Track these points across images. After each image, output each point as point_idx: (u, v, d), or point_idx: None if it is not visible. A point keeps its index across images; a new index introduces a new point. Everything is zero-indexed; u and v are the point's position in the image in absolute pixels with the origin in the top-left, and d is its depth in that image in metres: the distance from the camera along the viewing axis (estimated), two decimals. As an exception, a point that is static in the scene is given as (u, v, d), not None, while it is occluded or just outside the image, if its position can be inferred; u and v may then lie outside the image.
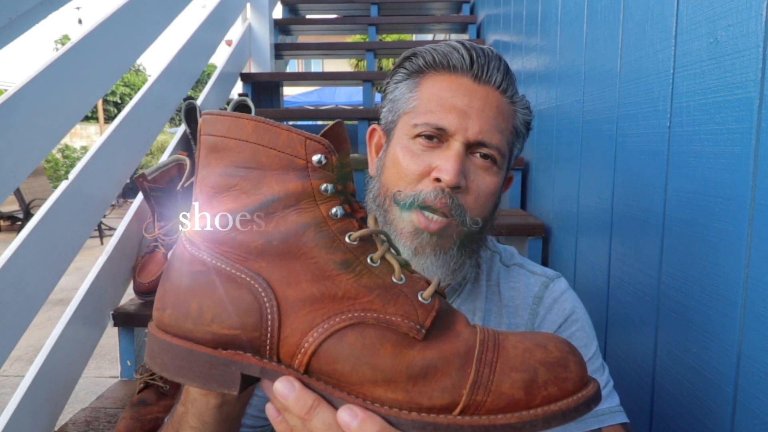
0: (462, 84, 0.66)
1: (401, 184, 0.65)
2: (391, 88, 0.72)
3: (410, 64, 0.70)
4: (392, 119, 0.71)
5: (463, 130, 0.64)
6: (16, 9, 1.14)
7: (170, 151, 1.83)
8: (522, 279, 0.75)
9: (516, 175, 1.89)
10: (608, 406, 0.64)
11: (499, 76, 0.66)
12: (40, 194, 6.65)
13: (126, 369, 1.47)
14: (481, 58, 0.66)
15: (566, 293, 0.74)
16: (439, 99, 0.65)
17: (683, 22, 0.79)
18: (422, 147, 0.65)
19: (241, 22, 2.80)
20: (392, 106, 0.71)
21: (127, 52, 1.54)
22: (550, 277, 0.75)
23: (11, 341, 1.08)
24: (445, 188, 0.63)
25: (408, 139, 0.66)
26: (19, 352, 3.14)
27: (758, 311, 0.62)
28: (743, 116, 0.64)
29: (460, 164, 0.63)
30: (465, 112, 0.64)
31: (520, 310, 0.73)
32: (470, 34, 3.16)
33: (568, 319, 0.70)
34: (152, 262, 1.46)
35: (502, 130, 0.66)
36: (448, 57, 0.66)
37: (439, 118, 0.64)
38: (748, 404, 0.64)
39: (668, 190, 0.82)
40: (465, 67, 0.66)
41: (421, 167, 0.64)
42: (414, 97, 0.68)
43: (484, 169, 0.66)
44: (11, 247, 1.10)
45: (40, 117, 1.16)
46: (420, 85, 0.68)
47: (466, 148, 0.64)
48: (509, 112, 0.68)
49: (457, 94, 0.65)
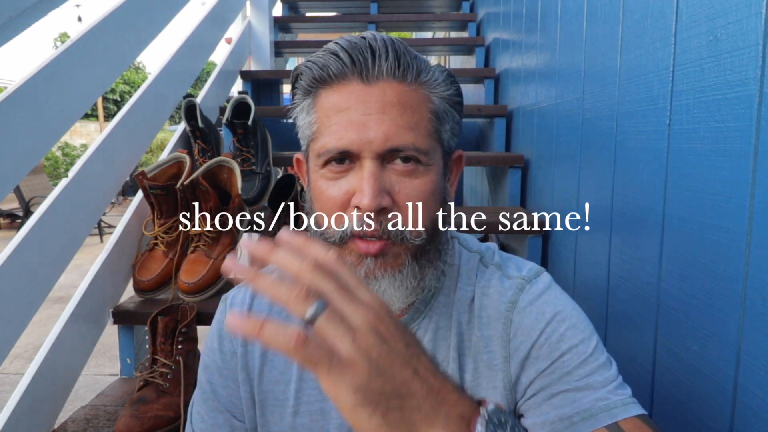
0: (352, 92, 0.59)
1: (328, 217, 0.61)
2: (295, 114, 0.66)
3: (299, 84, 0.63)
4: (304, 148, 0.66)
5: (367, 144, 0.57)
6: (16, 7, 1.14)
7: (170, 149, 1.83)
8: (495, 284, 0.67)
9: (515, 172, 1.89)
10: (620, 398, 0.58)
11: (390, 64, 0.58)
12: (39, 192, 6.65)
13: (126, 367, 1.48)
14: (363, 52, 0.58)
15: (546, 293, 0.66)
16: (335, 117, 0.59)
17: (683, 19, 0.79)
18: (334, 174, 0.59)
19: (241, 20, 2.80)
20: (301, 134, 0.65)
21: (126, 49, 1.54)
22: (526, 278, 0.67)
23: (11, 339, 1.08)
24: (370, 214, 0.57)
25: (319, 168, 0.61)
26: (18, 350, 3.14)
27: (758, 309, 0.62)
28: (743, 114, 0.64)
29: (375, 184, 0.56)
30: (363, 124, 0.57)
31: (493, 320, 0.66)
32: (470, 32, 3.16)
33: (552, 321, 0.63)
34: (152, 260, 1.46)
35: (415, 125, 0.59)
36: (328, 67, 0.59)
37: (338, 140, 0.58)
38: (748, 402, 0.64)
39: (668, 187, 0.82)
40: (348, 71, 0.59)
41: (341, 196, 0.59)
42: (313, 121, 0.62)
43: (408, 174, 0.59)
44: (11, 245, 1.10)
45: (39, 115, 1.16)
46: (315, 104, 0.62)
47: (380, 160, 0.58)
48: (418, 99, 0.60)
49: (351, 105, 0.58)
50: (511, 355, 0.64)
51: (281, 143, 2.39)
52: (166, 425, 1.16)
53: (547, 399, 0.61)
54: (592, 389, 0.59)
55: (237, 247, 1.44)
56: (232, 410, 0.71)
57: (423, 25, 3.45)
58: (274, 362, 0.70)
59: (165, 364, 1.22)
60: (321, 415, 0.68)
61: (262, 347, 0.70)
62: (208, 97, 2.18)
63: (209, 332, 0.74)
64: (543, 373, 0.62)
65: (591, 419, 0.57)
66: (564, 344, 0.62)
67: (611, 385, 0.59)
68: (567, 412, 0.58)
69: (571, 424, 0.58)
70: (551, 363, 0.61)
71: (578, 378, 0.60)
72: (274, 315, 0.71)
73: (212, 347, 0.72)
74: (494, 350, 0.65)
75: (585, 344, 0.62)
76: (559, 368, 0.61)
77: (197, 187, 1.41)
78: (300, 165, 0.70)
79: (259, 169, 1.80)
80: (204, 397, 0.72)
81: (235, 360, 0.70)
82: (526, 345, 0.63)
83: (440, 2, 3.57)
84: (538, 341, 0.63)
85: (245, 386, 0.70)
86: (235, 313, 0.39)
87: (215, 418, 0.71)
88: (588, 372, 0.60)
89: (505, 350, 0.65)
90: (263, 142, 1.87)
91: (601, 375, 0.60)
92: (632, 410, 0.58)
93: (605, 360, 0.62)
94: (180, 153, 1.56)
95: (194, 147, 1.80)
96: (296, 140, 0.67)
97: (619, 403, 0.58)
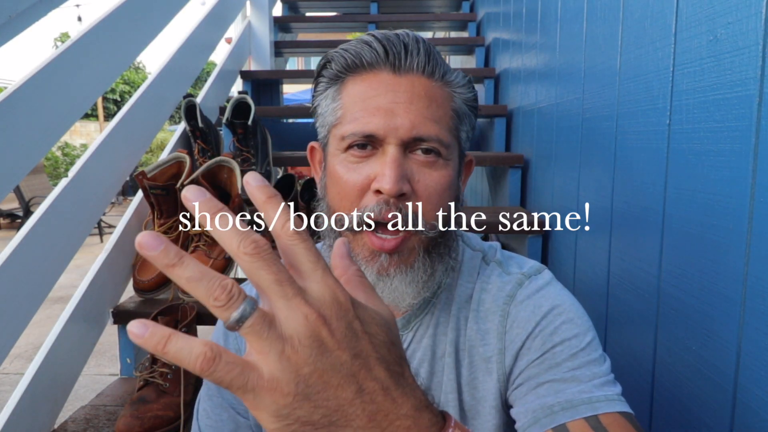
0: (382, 80, 0.61)
1: (345, 203, 0.61)
2: (318, 101, 0.67)
3: (327, 72, 0.65)
4: (324, 134, 0.66)
5: (393, 130, 0.59)
6: (16, 7, 1.14)
7: (170, 148, 1.83)
8: (495, 279, 0.68)
9: (515, 172, 1.89)
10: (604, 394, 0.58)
11: (420, 59, 0.61)
12: (39, 192, 6.65)
13: (126, 367, 1.48)
14: (396, 45, 0.61)
15: (546, 289, 0.66)
16: (362, 103, 0.60)
17: (683, 19, 0.79)
18: (356, 158, 0.61)
19: (241, 20, 2.80)
20: (322, 120, 0.66)
21: (126, 49, 1.54)
22: (526, 274, 0.68)
23: (11, 339, 1.08)
24: (389, 199, 0.58)
25: (341, 153, 0.62)
26: (18, 350, 3.14)
27: (758, 309, 0.62)
28: (743, 114, 0.64)
29: (398, 169, 0.58)
30: (391, 111, 0.59)
31: (490, 314, 0.66)
32: (470, 31, 3.16)
33: (549, 314, 0.63)
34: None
35: (439, 119, 0.61)
36: (361, 55, 0.61)
37: (364, 125, 0.59)
38: (748, 402, 0.64)
39: (668, 187, 0.82)
40: (381, 61, 0.61)
41: (360, 180, 0.60)
42: (338, 107, 0.63)
43: (428, 165, 0.60)
44: (11, 244, 1.10)
45: (39, 115, 1.16)
46: (341, 91, 0.63)
47: (403, 148, 0.59)
48: (443, 95, 0.63)
49: (380, 93, 0.60)
50: (507, 347, 0.65)
51: (281, 143, 2.39)
52: (166, 425, 1.16)
53: (533, 388, 0.61)
54: (577, 381, 0.59)
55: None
56: (236, 407, 0.71)
57: (423, 25, 3.45)
58: None
59: (165, 364, 1.22)
60: None
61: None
62: (208, 97, 2.18)
63: (215, 328, 0.75)
64: (533, 363, 0.62)
65: (571, 410, 0.57)
66: (557, 336, 0.62)
67: (598, 380, 0.59)
68: (549, 401, 0.59)
69: (552, 413, 0.58)
70: (542, 354, 0.62)
71: (566, 370, 0.60)
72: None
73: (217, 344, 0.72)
74: (490, 343, 0.66)
75: (579, 339, 0.62)
76: (549, 359, 0.61)
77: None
78: (314, 153, 0.72)
79: (259, 169, 1.80)
80: (209, 394, 0.72)
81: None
82: (521, 337, 0.64)
83: (440, 2, 3.57)
84: (533, 333, 0.63)
85: None
86: (135, 323, 0.29)
87: (220, 415, 0.71)
88: (577, 365, 0.60)
89: (500, 342, 0.65)
90: (263, 142, 1.87)
91: (590, 370, 0.60)
92: (616, 407, 0.57)
93: (598, 357, 0.61)
94: (180, 153, 1.56)
95: (194, 147, 1.80)
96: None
97: (603, 398, 0.58)
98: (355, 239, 0.61)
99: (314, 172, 0.72)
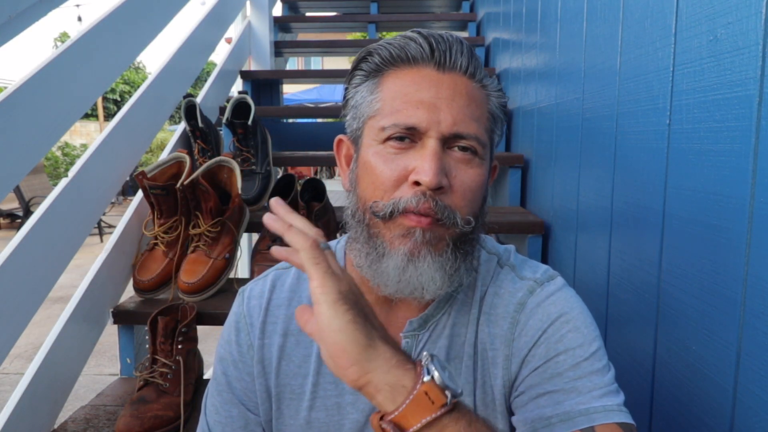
0: (425, 75, 0.61)
1: (378, 193, 0.61)
2: (351, 93, 0.67)
3: (367, 65, 0.65)
4: (358, 126, 0.66)
5: (435, 124, 0.59)
6: (16, 7, 1.14)
7: (170, 148, 1.83)
8: (507, 284, 0.68)
9: (515, 172, 1.89)
10: (602, 404, 0.58)
11: (464, 60, 0.62)
12: (39, 192, 6.65)
13: (126, 366, 1.47)
14: (442, 44, 0.61)
15: (556, 295, 0.66)
16: (404, 96, 0.61)
17: (683, 19, 0.79)
18: (395, 150, 0.60)
19: (241, 20, 2.80)
20: (355, 113, 0.66)
21: (126, 49, 1.54)
22: (539, 281, 0.68)
23: (11, 339, 1.08)
24: (426, 191, 0.58)
25: (378, 144, 0.62)
26: (18, 350, 3.14)
27: (758, 309, 0.62)
28: (743, 114, 0.64)
29: (439, 162, 0.58)
30: (434, 105, 0.60)
31: (501, 319, 0.66)
32: (470, 31, 3.16)
33: (556, 322, 0.64)
34: (152, 260, 1.46)
35: (478, 118, 0.62)
36: (406, 49, 0.62)
37: (407, 117, 0.60)
38: (748, 402, 0.64)
39: (668, 187, 0.82)
40: (426, 57, 0.61)
41: (397, 172, 0.60)
42: (377, 99, 0.63)
43: (465, 162, 0.61)
44: (11, 244, 1.10)
45: (39, 114, 1.16)
46: (381, 84, 0.63)
47: (443, 143, 0.60)
48: (481, 97, 0.64)
49: (422, 87, 0.61)
50: (513, 354, 0.65)
51: (281, 143, 2.39)
52: (166, 425, 1.16)
53: (533, 398, 0.61)
54: (577, 392, 0.59)
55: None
56: (246, 403, 0.71)
57: (423, 25, 3.45)
58: (291, 356, 0.70)
59: (165, 363, 1.22)
60: (337, 410, 0.68)
61: (280, 340, 0.70)
62: (208, 97, 2.18)
63: (226, 324, 0.75)
64: (535, 372, 0.62)
65: (568, 421, 0.58)
66: (561, 345, 0.62)
67: (599, 391, 0.59)
68: (547, 413, 0.59)
69: (549, 424, 0.58)
70: (545, 362, 0.62)
71: (567, 380, 0.60)
72: (292, 308, 0.71)
73: (229, 339, 0.72)
74: (498, 348, 0.66)
75: (583, 348, 0.61)
76: (551, 368, 0.61)
77: (197, 187, 1.41)
78: (341, 146, 0.72)
79: (259, 169, 1.80)
80: (219, 389, 0.72)
81: (251, 352, 0.70)
82: (528, 345, 0.64)
83: (440, 2, 3.57)
84: (539, 341, 0.63)
85: (260, 379, 0.70)
86: (270, 210, 0.54)
87: (229, 411, 0.71)
88: (578, 375, 0.60)
89: (507, 349, 0.65)
90: (263, 142, 1.87)
91: (591, 381, 0.60)
92: (614, 417, 0.57)
93: (601, 367, 0.61)
94: (180, 153, 1.55)
95: (194, 147, 1.80)
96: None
97: (601, 408, 0.58)
98: (386, 225, 0.61)
99: (339, 165, 0.72)
